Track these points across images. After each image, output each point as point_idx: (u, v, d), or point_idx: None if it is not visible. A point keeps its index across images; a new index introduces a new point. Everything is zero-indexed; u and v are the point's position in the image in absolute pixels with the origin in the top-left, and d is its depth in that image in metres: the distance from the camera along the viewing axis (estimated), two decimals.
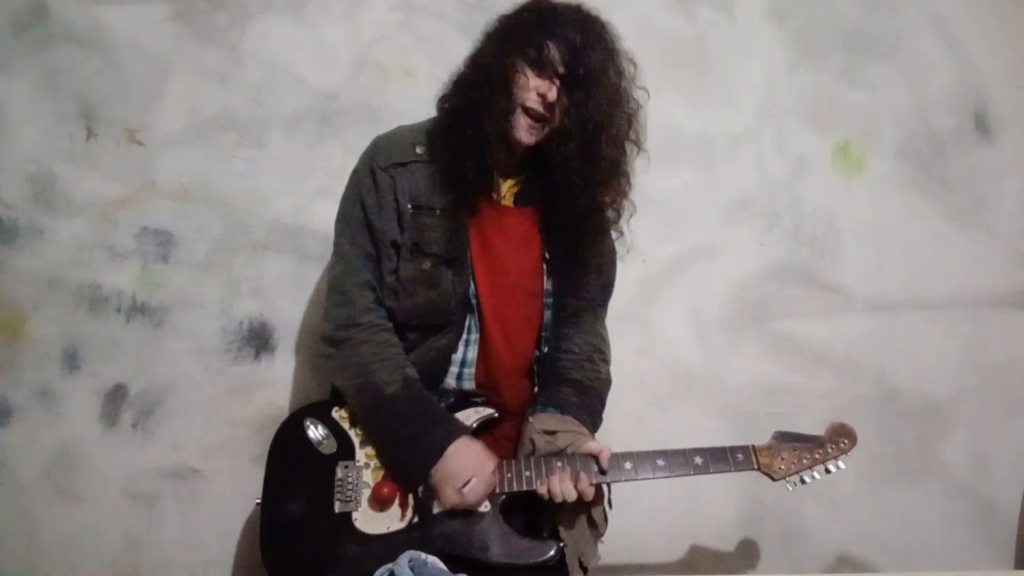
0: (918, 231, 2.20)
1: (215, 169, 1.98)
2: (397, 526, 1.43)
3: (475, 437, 1.48)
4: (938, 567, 2.18)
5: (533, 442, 1.47)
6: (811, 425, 1.91)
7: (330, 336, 1.52)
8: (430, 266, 1.50)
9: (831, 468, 1.48)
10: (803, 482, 1.47)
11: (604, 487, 1.47)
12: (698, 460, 1.44)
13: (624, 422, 2.04)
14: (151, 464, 1.98)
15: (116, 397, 1.97)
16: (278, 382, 2.01)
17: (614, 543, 2.08)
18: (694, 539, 2.14)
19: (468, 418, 1.50)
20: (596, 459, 1.42)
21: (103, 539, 1.97)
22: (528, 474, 1.43)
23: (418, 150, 1.52)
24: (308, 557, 1.42)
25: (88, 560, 1.97)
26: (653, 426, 2.11)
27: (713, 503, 2.14)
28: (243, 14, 1.98)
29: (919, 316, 2.20)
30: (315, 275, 2.01)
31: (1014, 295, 2.23)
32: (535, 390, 1.61)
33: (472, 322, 1.54)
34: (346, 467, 1.48)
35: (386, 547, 1.38)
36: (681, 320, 2.15)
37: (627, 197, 1.55)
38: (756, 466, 1.45)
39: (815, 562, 2.17)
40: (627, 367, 2.07)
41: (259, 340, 2.01)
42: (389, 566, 1.21)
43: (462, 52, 1.52)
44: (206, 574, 2.00)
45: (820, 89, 2.17)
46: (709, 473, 1.44)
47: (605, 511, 1.50)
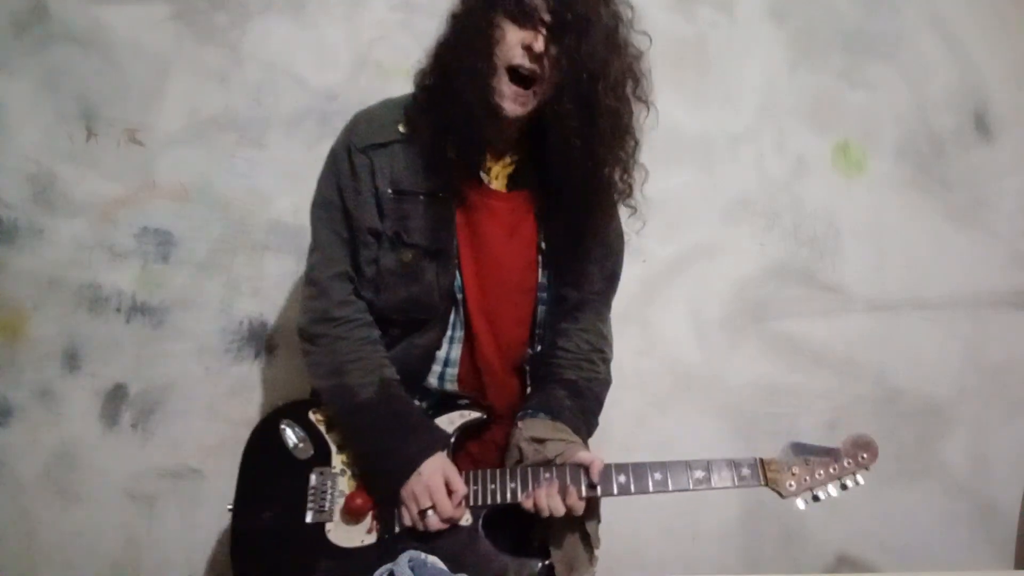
0: (918, 231, 2.20)
1: (215, 169, 1.97)
2: (370, 539, 1.34)
3: (460, 441, 1.40)
4: (938, 567, 2.18)
5: (521, 450, 1.36)
6: (811, 425, 1.92)
7: (305, 331, 1.42)
8: (412, 258, 1.38)
9: (848, 484, 1.34)
10: (816, 499, 1.34)
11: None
12: (699, 474, 1.31)
13: (624, 422, 2.04)
14: (151, 464, 1.98)
15: (116, 397, 1.97)
16: (278, 382, 2.01)
17: (614, 543, 2.09)
18: (694, 539, 2.14)
19: (453, 421, 1.41)
20: (586, 471, 1.30)
21: (103, 539, 1.97)
22: (513, 486, 1.32)
23: (400, 128, 1.38)
24: (277, 569, 1.34)
25: (88, 560, 1.97)
26: (653, 426, 2.10)
27: (713, 503, 2.14)
28: (243, 14, 1.98)
29: (919, 316, 2.20)
30: None
31: (1014, 295, 2.23)
32: (527, 391, 1.49)
33: (457, 319, 1.42)
34: (321, 473, 1.39)
35: (359, 562, 1.30)
36: (681, 320, 2.15)
37: (637, 161, 1.39)
38: (763, 481, 1.32)
39: (815, 562, 2.16)
40: (627, 367, 2.07)
41: (259, 340, 2.01)
42: (389, 566, 1.20)
43: None
44: (206, 574, 2.00)
45: (820, 89, 2.17)
46: (711, 488, 1.31)
47: (597, 529, 1.39)
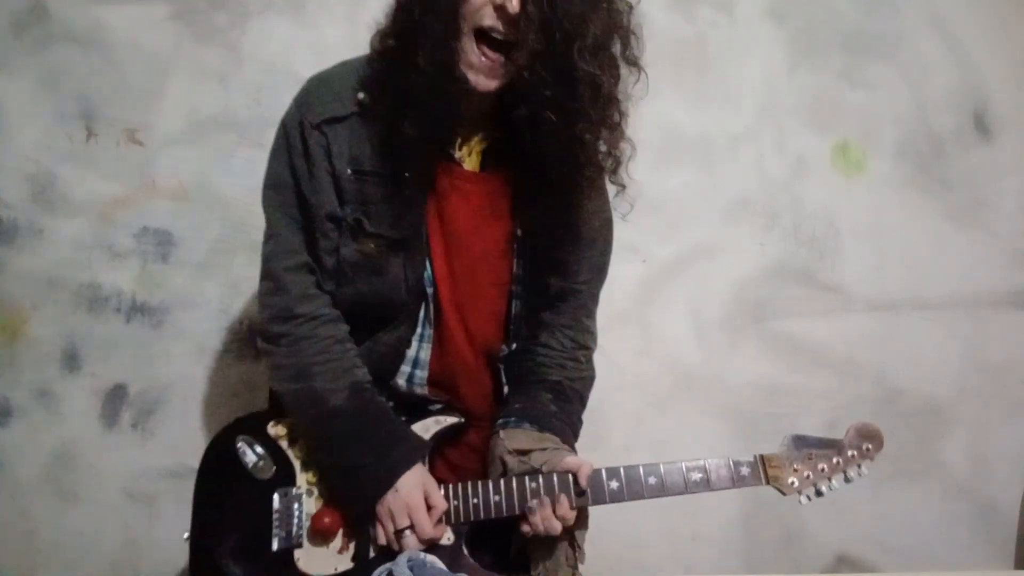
0: (918, 231, 2.20)
1: (215, 169, 1.97)
2: (345, 565, 1.23)
3: (436, 448, 1.30)
4: (938, 567, 2.18)
5: (504, 462, 1.25)
6: (811, 426, 1.91)
7: (265, 330, 1.26)
8: (374, 248, 1.22)
9: (851, 475, 1.29)
10: (819, 494, 1.29)
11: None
12: (696, 476, 1.24)
13: (623, 422, 2.04)
14: (151, 464, 1.98)
15: (116, 397, 1.97)
16: None
17: (613, 544, 2.09)
18: (694, 539, 2.14)
19: (428, 429, 1.29)
20: (575, 477, 1.21)
21: (103, 539, 1.97)
22: (497, 499, 1.22)
23: (361, 96, 1.20)
24: None
25: (88, 560, 1.97)
26: (653, 426, 2.10)
27: (713, 504, 2.13)
28: (243, 14, 1.98)
29: (919, 316, 2.20)
30: None
31: (1014, 295, 2.23)
32: (505, 392, 1.36)
33: (426, 315, 1.28)
34: (285, 495, 1.25)
35: None
36: (681, 320, 2.15)
37: (622, 135, 1.21)
38: (764, 480, 1.26)
39: (815, 562, 2.16)
40: (627, 367, 2.07)
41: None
42: (388, 566, 1.19)
43: None
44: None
45: (820, 89, 2.17)
46: (709, 491, 1.25)
47: (583, 537, 1.30)
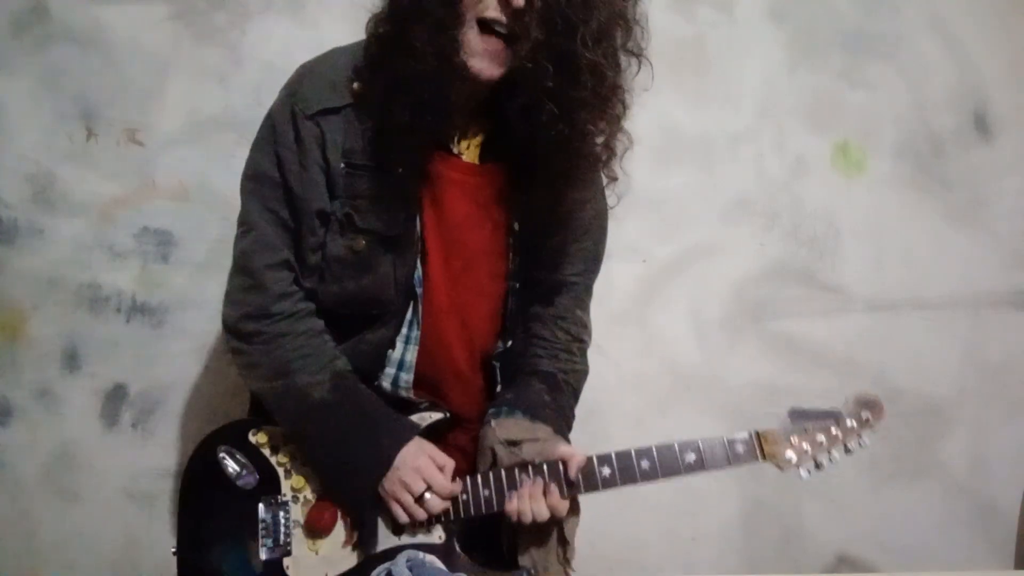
0: (918, 231, 2.20)
1: (215, 169, 1.97)
2: (336, 571, 1.22)
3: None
4: (938, 567, 2.18)
5: (494, 452, 1.22)
6: None
7: (235, 328, 1.23)
8: (364, 245, 1.19)
9: (852, 447, 1.24)
10: (818, 467, 1.23)
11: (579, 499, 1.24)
12: (690, 457, 1.19)
13: (623, 423, 2.04)
14: (151, 464, 1.98)
15: (116, 397, 1.97)
16: None
17: (613, 544, 2.09)
18: (694, 539, 2.14)
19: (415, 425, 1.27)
20: (565, 466, 1.18)
21: (103, 539, 1.97)
22: (487, 493, 1.20)
23: (356, 86, 1.16)
24: None
25: (88, 560, 1.97)
26: (652, 427, 2.10)
27: (713, 503, 2.14)
28: (243, 14, 1.98)
29: (919, 316, 2.20)
30: None
31: (1014, 295, 2.22)
32: (497, 390, 1.35)
33: (414, 317, 1.24)
34: (271, 504, 1.24)
35: None
36: (681, 320, 2.15)
37: (621, 127, 1.19)
38: (761, 456, 1.22)
39: (815, 562, 2.16)
40: (627, 367, 2.07)
41: None
42: (387, 565, 1.19)
43: None
44: None
45: (820, 89, 2.17)
46: (705, 471, 1.21)
47: (575, 528, 1.26)
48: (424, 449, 1.21)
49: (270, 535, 1.23)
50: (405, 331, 1.26)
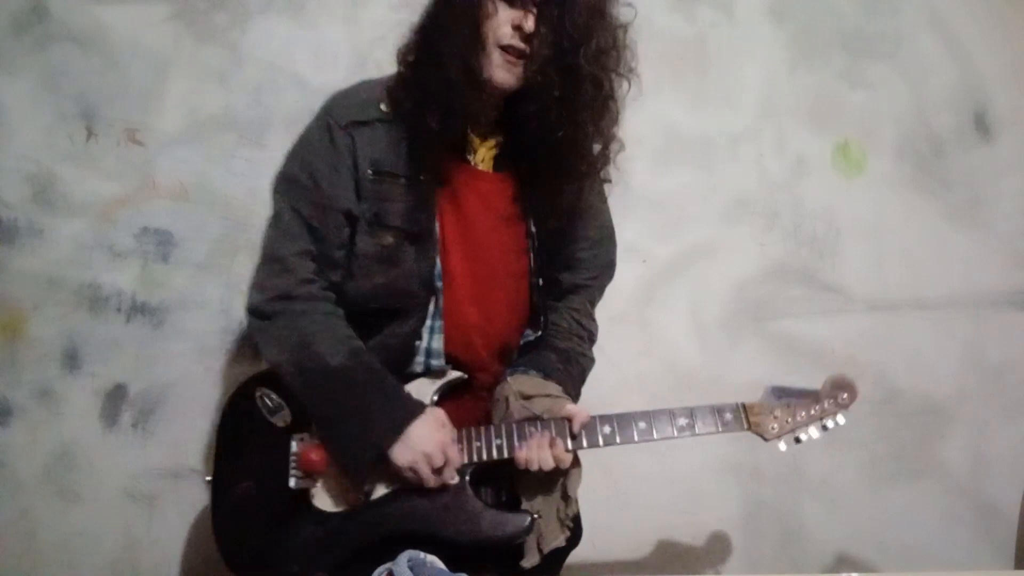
0: (918, 231, 2.20)
1: (215, 169, 1.97)
2: (354, 503, 1.34)
3: (441, 404, 1.38)
4: (938, 567, 2.18)
5: (508, 401, 1.35)
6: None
7: (260, 308, 1.35)
8: (392, 241, 1.33)
9: (828, 425, 1.37)
10: (798, 441, 1.37)
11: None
12: (682, 421, 1.33)
13: None
14: (151, 464, 1.98)
15: (116, 397, 1.97)
16: None
17: (613, 542, 2.09)
18: (694, 539, 2.14)
19: (432, 383, 1.38)
20: (569, 422, 1.31)
21: (103, 539, 1.97)
22: (499, 442, 1.32)
23: (383, 107, 1.35)
24: (262, 537, 1.34)
25: (88, 560, 1.97)
26: None
27: (713, 503, 2.14)
28: (243, 14, 1.98)
29: (919, 316, 2.20)
30: None
31: (1014, 295, 2.23)
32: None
33: (436, 308, 1.37)
34: (302, 439, 1.36)
35: (345, 525, 1.32)
36: (681, 320, 2.15)
37: (616, 134, 1.38)
38: (746, 425, 1.35)
39: (815, 562, 2.16)
40: (627, 367, 2.07)
41: None
42: (388, 565, 1.19)
43: None
44: (206, 574, 2.00)
45: (820, 89, 2.17)
46: (695, 434, 1.34)
47: (577, 483, 1.38)
48: (442, 421, 1.32)
49: (299, 467, 1.34)
50: (429, 322, 1.37)
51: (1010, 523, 2.22)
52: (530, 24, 1.26)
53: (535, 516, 1.33)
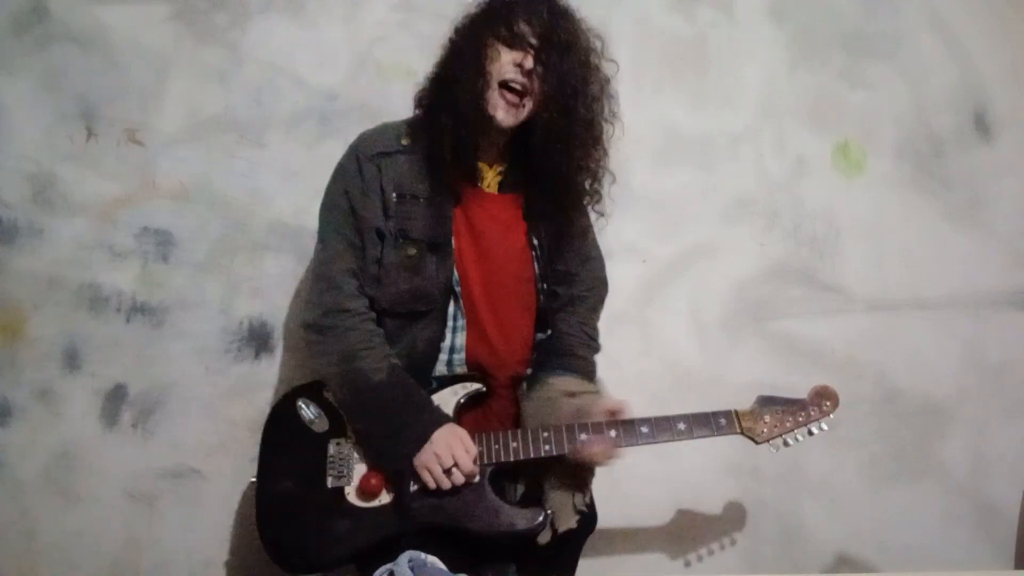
0: (918, 231, 2.20)
1: (215, 169, 1.98)
2: (387, 499, 1.49)
3: (463, 412, 1.54)
4: (938, 567, 2.18)
5: (555, 400, 1.52)
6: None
7: (315, 323, 1.53)
8: (415, 252, 1.52)
9: (813, 430, 1.52)
10: (786, 444, 1.51)
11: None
12: (681, 426, 1.48)
13: None
14: (151, 464, 1.98)
15: (116, 397, 1.97)
16: (278, 382, 2.01)
17: (614, 543, 2.09)
18: (694, 539, 2.14)
19: (456, 393, 1.54)
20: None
21: (103, 539, 1.97)
22: (515, 445, 1.49)
23: (403, 141, 1.56)
24: (303, 531, 1.49)
25: (88, 560, 1.97)
26: None
27: (713, 503, 2.14)
28: (243, 14, 1.98)
29: (919, 316, 2.20)
30: None
31: (1014, 295, 2.23)
32: (527, 371, 1.64)
33: (457, 309, 1.56)
34: (338, 444, 1.53)
35: (377, 519, 1.47)
36: (681, 320, 2.15)
37: (606, 169, 1.60)
38: (739, 430, 1.49)
39: (815, 562, 2.17)
40: (627, 367, 2.07)
41: (259, 340, 2.01)
42: (388, 566, 1.21)
43: None
44: (206, 574, 2.00)
45: (820, 89, 2.18)
46: (692, 438, 1.48)
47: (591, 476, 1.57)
48: (456, 432, 1.48)
49: (336, 468, 1.52)
50: (451, 323, 1.56)
51: (1010, 523, 2.22)
52: (529, 62, 1.46)
53: (547, 512, 1.49)
